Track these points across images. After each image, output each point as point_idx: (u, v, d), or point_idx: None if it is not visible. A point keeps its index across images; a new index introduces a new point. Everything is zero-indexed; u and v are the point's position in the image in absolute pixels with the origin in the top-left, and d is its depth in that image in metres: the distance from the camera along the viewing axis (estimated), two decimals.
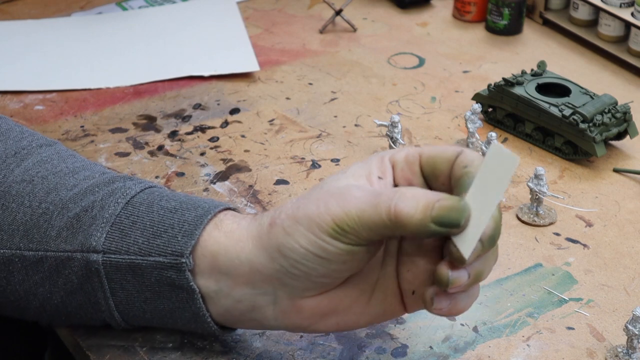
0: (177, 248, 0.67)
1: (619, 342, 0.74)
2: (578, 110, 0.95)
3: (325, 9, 1.26)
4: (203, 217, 0.68)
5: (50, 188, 0.71)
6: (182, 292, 0.67)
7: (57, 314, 0.71)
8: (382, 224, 0.61)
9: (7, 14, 1.23)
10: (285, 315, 0.67)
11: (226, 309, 0.68)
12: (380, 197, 0.62)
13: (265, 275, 0.65)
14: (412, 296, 0.67)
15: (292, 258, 0.64)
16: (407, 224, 0.61)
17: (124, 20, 1.22)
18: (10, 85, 1.07)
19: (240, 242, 0.66)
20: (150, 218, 0.68)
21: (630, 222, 0.88)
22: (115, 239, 0.68)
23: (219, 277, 0.67)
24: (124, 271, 0.68)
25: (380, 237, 0.63)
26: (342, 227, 0.62)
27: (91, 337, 0.73)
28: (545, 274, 0.81)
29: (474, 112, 0.96)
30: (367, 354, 0.72)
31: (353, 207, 0.62)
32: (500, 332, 0.75)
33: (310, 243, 0.63)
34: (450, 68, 1.13)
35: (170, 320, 0.70)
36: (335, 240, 0.62)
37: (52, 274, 0.69)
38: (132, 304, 0.69)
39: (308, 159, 0.96)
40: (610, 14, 1.15)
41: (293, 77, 1.11)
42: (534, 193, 0.87)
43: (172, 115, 1.02)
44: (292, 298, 0.66)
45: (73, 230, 0.69)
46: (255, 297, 0.67)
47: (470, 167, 0.63)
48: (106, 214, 0.69)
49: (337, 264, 0.63)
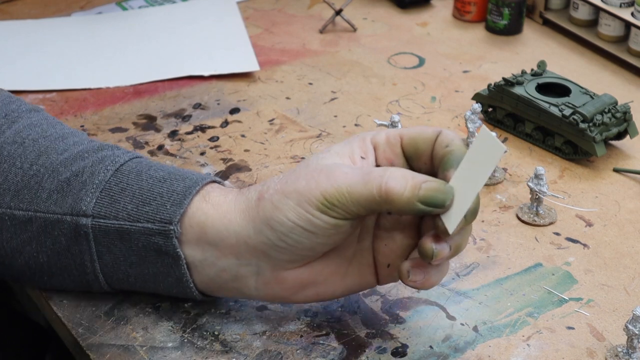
0: (165, 215, 0.70)
1: (619, 342, 0.74)
2: (578, 110, 0.95)
3: (325, 9, 1.26)
4: (191, 187, 0.71)
5: (41, 151, 0.74)
6: (167, 257, 0.70)
7: (41, 274, 0.74)
8: (372, 200, 0.65)
9: (7, 14, 1.23)
10: (266, 286, 0.70)
11: (210, 277, 0.71)
12: (371, 175, 0.66)
13: (251, 246, 0.68)
14: (387, 269, 0.71)
15: (280, 231, 0.67)
16: (396, 201, 0.65)
17: (124, 20, 1.22)
18: (10, 85, 1.07)
19: (227, 214, 0.69)
20: (139, 186, 0.71)
21: (630, 222, 0.88)
22: (105, 204, 0.71)
23: (205, 247, 0.70)
24: (112, 235, 0.71)
25: (367, 213, 0.67)
26: (331, 201, 0.65)
27: (91, 336, 0.73)
28: (545, 273, 0.81)
29: (474, 112, 0.96)
30: (367, 354, 0.72)
31: (343, 182, 0.66)
32: (500, 331, 0.75)
33: (298, 217, 0.66)
34: (450, 68, 1.13)
35: (153, 285, 0.72)
36: (323, 214, 0.66)
37: (40, 234, 0.72)
38: (118, 268, 0.72)
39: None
40: (610, 14, 1.15)
41: (293, 77, 1.11)
42: (534, 193, 0.87)
43: (172, 115, 1.02)
44: (274, 270, 0.69)
45: (63, 194, 0.72)
46: (239, 267, 0.70)
47: (452, 146, 0.67)
48: (96, 180, 0.71)
49: (323, 237, 0.67)
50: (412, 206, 0.65)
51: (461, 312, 0.77)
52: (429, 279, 0.69)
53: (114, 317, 0.75)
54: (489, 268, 0.82)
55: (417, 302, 0.77)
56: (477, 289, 0.79)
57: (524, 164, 0.96)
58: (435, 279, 0.69)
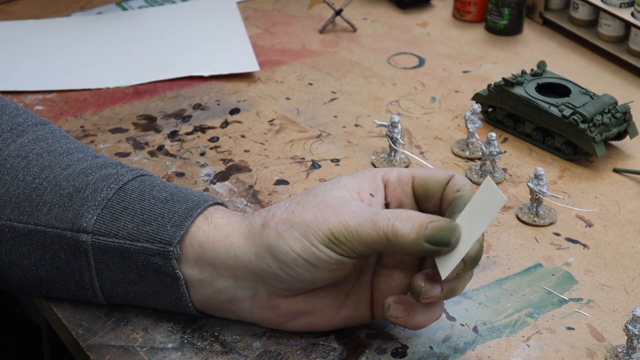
0: (165, 237, 0.69)
1: (619, 342, 0.74)
2: (578, 110, 0.95)
3: (325, 9, 1.26)
4: (193, 210, 0.71)
5: (45, 165, 0.74)
6: (166, 277, 0.70)
7: (39, 286, 0.74)
8: (379, 242, 0.65)
9: (7, 14, 1.23)
10: (261, 310, 0.70)
11: (206, 297, 0.71)
12: (379, 216, 0.66)
13: (251, 271, 0.68)
14: (381, 305, 0.71)
15: (282, 261, 0.67)
16: (403, 243, 0.65)
17: (124, 20, 1.22)
18: (10, 85, 1.07)
19: (229, 237, 0.69)
20: (141, 206, 0.71)
21: (630, 222, 0.88)
22: (106, 222, 0.70)
23: (204, 267, 0.70)
24: (111, 253, 0.70)
25: (372, 253, 0.67)
26: (338, 238, 0.65)
27: (91, 337, 0.73)
28: (545, 274, 0.81)
29: (474, 112, 0.96)
30: (367, 354, 0.72)
31: (351, 221, 0.66)
32: (500, 332, 0.75)
33: (303, 249, 0.66)
34: (450, 68, 1.13)
35: (152, 302, 0.73)
36: (329, 250, 0.66)
37: (39, 247, 0.72)
38: (117, 285, 0.72)
39: (308, 159, 0.96)
40: (610, 14, 1.15)
41: (293, 77, 1.11)
42: (534, 193, 0.87)
43: (172, 116, 1.02)
44: (271, 295, 0.69)
45: (64, 208, 0.71)
46: (236, 289, 0.70)
47: (463, 192, 0.68)
48: (98, 197, 0.71)
49: (325, 272, 0.67)
50: (418, 247, 0.65)
51: (461, 313, 0.77)
52: (413, 318, 0.68)
53: (114, 318, 0.75)
54: (488, 268, 0.82)
55: None
56: (477, 290, 0.79)
57: (523, 164, 0.96)
58: (423, 319, 0.69)
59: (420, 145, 0.98)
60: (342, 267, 0.67)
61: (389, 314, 0.69)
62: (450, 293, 0.68)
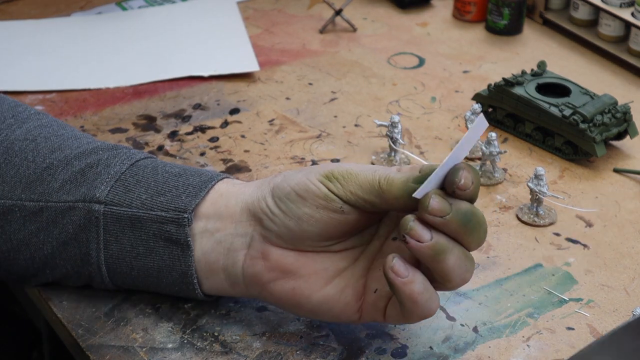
0: (180, 205, 0.71)
1: None
2: (578, 110, 0.95)
3: (325, 9, 1.26)
4: (207, 182, 0.73)
5: (55, 147, 0.75)
6: (176, 248, 0.71)
7: (43, 267, 0.74)
8: (372, 185, 0.67)
9: (7, 14, 1.23)
10: (252, 262, 0.70)
11: (204, 252, 0.71)
12: (381, 169, 0.68)
13: (252, 213, 0.70)
14: (373, 294, 0.70)
15: (278, 196, 0.69)
16: (393, 186, 0.66)
17: (124, 20, 1.22)
18: (10, 85, 1.07)
19: (243, 188, 0.72)
20: (154, 179, 0.72)
21: (630, 222, 0.88)
22: (119, 193, 0.72)
23: (210, 219, 0.72)
24: (123, 223, 0.71)
25: (362, 203, 0.67)
26: (336, 176, 0.68)
27: (91, 337, 0.73)
28: (545, 274, 0.81)
29: (474, 112, 0.96)
30: (367, 354, 0.72)
31: (356, 167, 0.68)
32: (500, 332, 0.75)
33: (298, 183, 0.68)
34: (450, 68, 1.13)
35: (155, 280, 0.73)
36: (321, 184, 0.68)
37: (49, 224, 0.72)
38: (122, 259, 0.72)
39: (308, 159, 0.96)
40: (610, 14, 1.15)
41: (293, 77, 1.11)
42: (534, 193, 0.87)
43: (172, 116, 1.02)
44: (263, 242, 0.70)
45: (77, 184, 0.72)
46: (234, 238, 0.71)
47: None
48: (112, 171, 0.72)
49: (311, 207, 0.68)
50: (407, 188, 0.66)
51: (461, 313, 0.77)
52: (410, 284, 0.65)
53: (114, 318, 0.75)
54: (488, 269, 0.82)
55: None
56: (477, 290, 0.79)
57: (524, 165, 0.96)
58: (419, 290, 0.66)
59: (420, 145, 0.98)
60: (327, 204, 0.67)
61: (389, 265, 0.66)
62: (437, 248, 0.65)
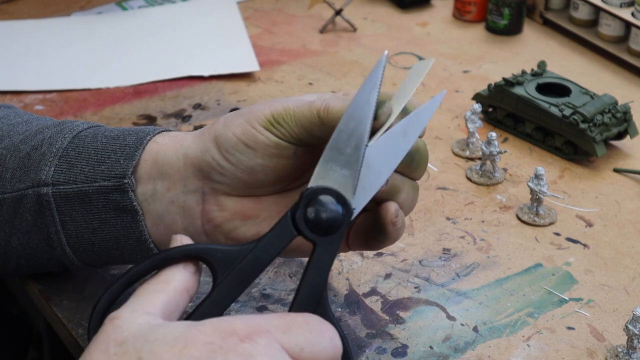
0: (119, 171, 0.70)
1: (619, 342, 0.74)
2: (578, 110, 0.95)
3: (325, 9, 1.26)
4: (143, 139, 0.71)
5: (4, 135, 0.75)
6: (126, 215, 0.70)
7: (19, 260, 0.73)
8: (312, 120, 0.66)
9: (7, 14, 1.23)
10: (210, 215, 0.69)
11: (160, 215, 0.70)
12: (317, 100, 0.67)
13: (197, 167, 0.69)
14: None
15: (224, 148, 0.67)
16: (332, 115, 0.65)
17: (124, 20, 1.22)
18: (10, 85, 1.07)
19: (181, 141, 0.70)
20: (94, 147, 0.72)
21: (630, 222, 0.88)
22: (64, 171, 0.71)
23: (156, 180, 0.70)
24: (72, 200, 0.71)
25: (309, 137, 0.67)
26: (277, 119, 0.67)
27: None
28: (546, 274, 0.81)
29: (474, 112, 0.96)
30: (367, 354, 0.72)
31: (292, 104, 0.67)
32: (501, 332, 0.75)
33: (243, 132, 0.67)
34: (450, 68, 1.13)
35: (117, 251, 0.72)
36: (267, 132, 0.67)
37: (10, 216, 0.72)
38: (82, 237, 0.71)
39: None
40: (610, 14, 1.15)
41: (293, 77, 1.11)
42: (534, 193, 0.87)
43: (172, 115, 1.02)
44: (216, 195, 0.69)
45: (25, 169, 0.72)
46: (185, 196, 0.70)
47: None
48: (54, 148, 0.72)
49: (264, 157, 0.67)
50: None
51: (461, 313, 0.77)
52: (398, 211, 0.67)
53: None
54: (489, 268, 0.82)
55: (417, 302, 0.77)
56: (477, 289, 0.79)
57: (524, 164, 0.96)
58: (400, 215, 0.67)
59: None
60: (279, 152, 0.67)
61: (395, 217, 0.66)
62: (396, 192, 0.66)
